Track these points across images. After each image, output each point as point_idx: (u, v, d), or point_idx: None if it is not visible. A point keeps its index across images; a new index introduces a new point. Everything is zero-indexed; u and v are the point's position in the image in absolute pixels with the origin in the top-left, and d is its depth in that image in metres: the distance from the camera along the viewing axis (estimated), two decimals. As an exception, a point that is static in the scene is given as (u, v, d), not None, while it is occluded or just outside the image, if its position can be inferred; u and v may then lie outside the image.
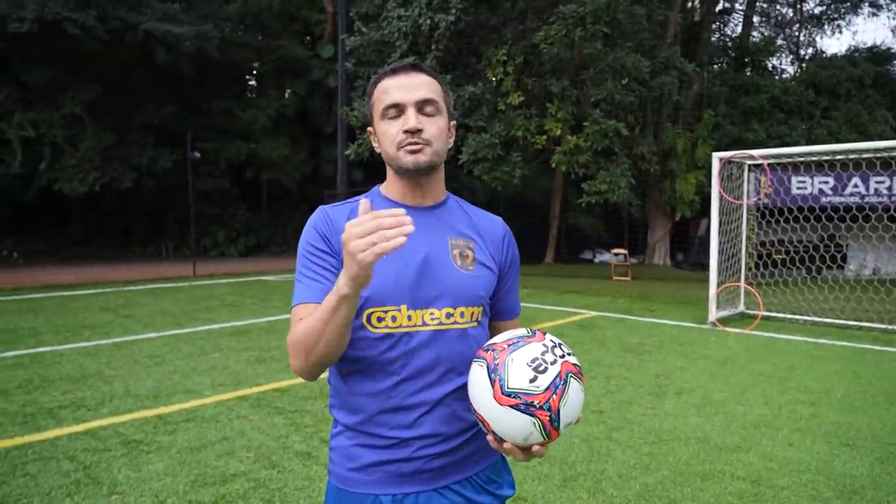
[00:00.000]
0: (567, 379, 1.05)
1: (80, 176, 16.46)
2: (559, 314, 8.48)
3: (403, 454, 1.19)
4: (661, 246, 15.03)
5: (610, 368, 5.52)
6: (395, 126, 1.21)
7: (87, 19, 15.10)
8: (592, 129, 11.88)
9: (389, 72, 1.24)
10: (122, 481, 3.11)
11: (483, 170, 12.89)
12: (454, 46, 13.33)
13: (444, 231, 1.27)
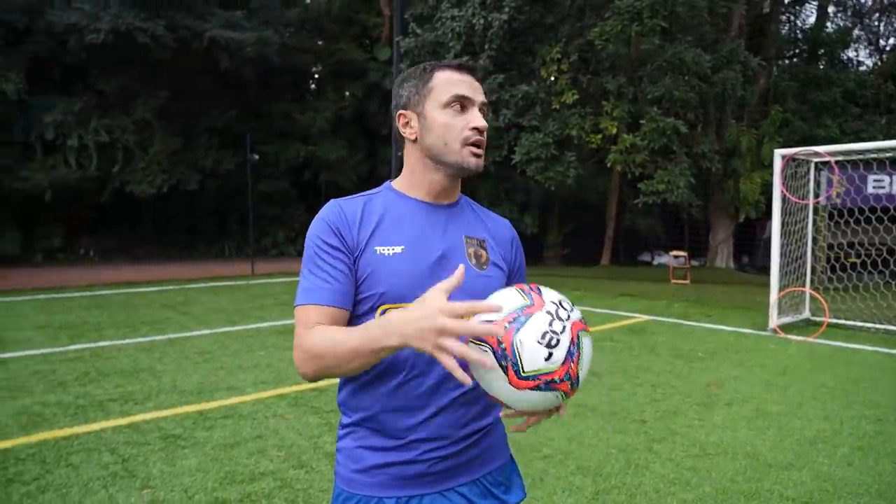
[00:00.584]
0: (580, 341, 1.01)
1: (150, 178, 17.28)
2: (610, 318, 8.23)
3: (408, 456, 1.17)
4: (723, 248, 14.40)
5: (658, 376, 5.30)
6: (461, 120, 1.20)
7: (156, 29, 15.82)
8: (650, 128, 11.51)
9: (454, 66, 1.23)
10: (156, 475, 3.19)
11: (536, 170, 12.70)
12: (507, 45, 13.20)
13: (460, 229, 1.26)
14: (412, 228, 1.22)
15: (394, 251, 1.19)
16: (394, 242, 1.19)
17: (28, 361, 5.71)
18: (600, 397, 4.66)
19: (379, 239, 1.19)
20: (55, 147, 16.39)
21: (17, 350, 6.19)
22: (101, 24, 15.16)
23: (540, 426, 4.01)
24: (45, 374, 5.24)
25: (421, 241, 1.21)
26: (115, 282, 12.39)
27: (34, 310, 8.94)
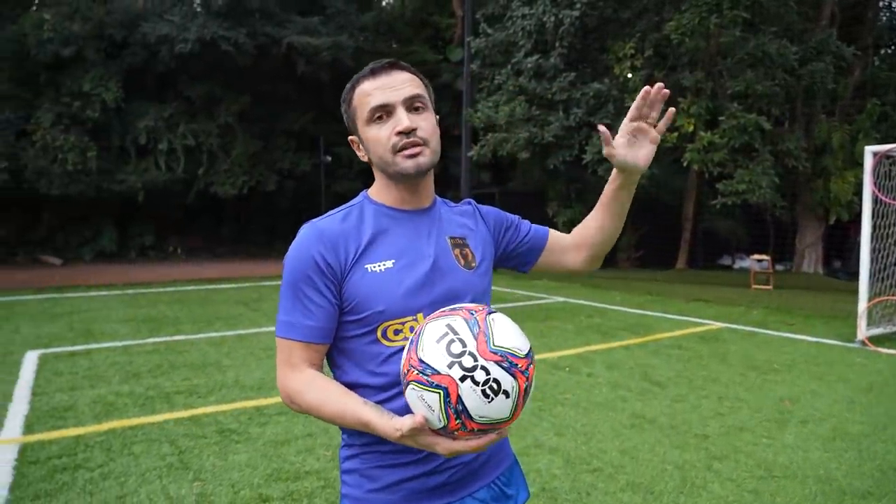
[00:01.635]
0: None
1: (232, 180, 18.13)
2: (680, 324, 7.87)
3: (429, 468, 1.16)
4: (811, 252, 13.47)
5: (726, 388, 5.00)
6: (386, 129, 1.15)
7: (238, 37, 16.58)
8: (729, 125, 10.92)
9: (368, 73, 1.18)
10: (208, 468, 3.30)
11: (608, 170, 12.33)
12: (579, 43, 12.92)
13: (442, 232, 1.24)
14: (398, 240, 1.19)
15: (385, 266, 1.15)
16: (383, 257, 1.16)
17: (109, 353, 6.09)
18: (660, 409, 4.45)
19: (367, 256, 1.15)
20: (147, 151, 17.48)
21: (102, 341, 6.63)
22: (189, 34, 16.04)
23: (593, 437, 3.87)
24: (122, 365, 5.57)
25: (410, 252, 1.18)
26: (197, 278, 13.05)
27: (123, 304, 9.56)
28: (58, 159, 15.91)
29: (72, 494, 2.99)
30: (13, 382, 4.99)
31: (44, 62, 15.78)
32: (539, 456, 3.58)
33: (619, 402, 4.61)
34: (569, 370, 5.51)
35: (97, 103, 16.11)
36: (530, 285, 12.10)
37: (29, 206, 16.97)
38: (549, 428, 4.04)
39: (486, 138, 14.07)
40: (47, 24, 15.60)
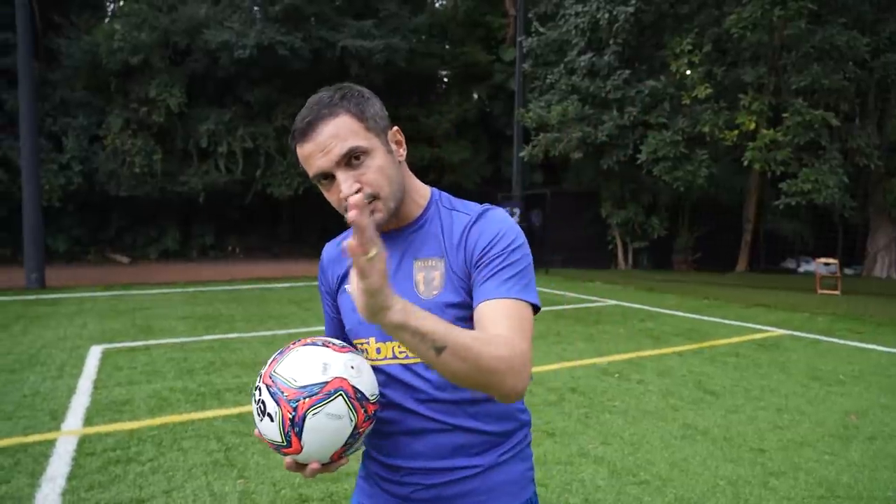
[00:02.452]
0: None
1: (287, 181, 18.57)
2: (738, 330, 7.55)
3: (395, 477, 1.17)
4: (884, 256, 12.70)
5: (786, 399, 4.75)
6: (333, 195, 1.08)
7: (294, 42, 16.97)
8: (794, 121, 10.43)
9: (296, 135, 1.08)
10: (252, 466, 3.36)
11: (664, 169, 12.01)
12: (634, 40, 12.61)
13: (411, 254, 1.15)
14: None
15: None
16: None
17: (167, 349, 6.32)
18: (714, 419, 4.26)
19: (347, 277, 1.20)
20: (208, 154, 18.10)
21: (161, 338, 6.88)
22: (248, 40, 16.52)
23: (641, 448, 3.74)
24: (178, 361, 5.77)
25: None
26: (253, 277, 13.42)
27: (182, 301, 9.91)
28: (126, 162, 16.68)
29: (122, 487, 3.10)
30: (78, 376, 5.23)
31: (114, 70, 16.57)
32: (583, 465, 3.49)
33: (670, 411, 4.44)
34: (618, 376, 5.36)
35: (162, 108, 16.79)
36: (582, 288, 11.88)
37: (100, 206, 17.85)
38: (594, 436, 3.93)
39: (537, 138, 13.92)
40: (118, 34, 16.37)
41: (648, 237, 14.84)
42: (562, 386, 5.04)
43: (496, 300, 1.04)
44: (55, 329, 7.35)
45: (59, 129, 16.74)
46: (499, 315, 1.02)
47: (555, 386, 5.04)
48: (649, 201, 14.66)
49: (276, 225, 21.91)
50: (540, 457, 3.60)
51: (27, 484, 3.13)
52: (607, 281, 12.66)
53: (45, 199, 14.99)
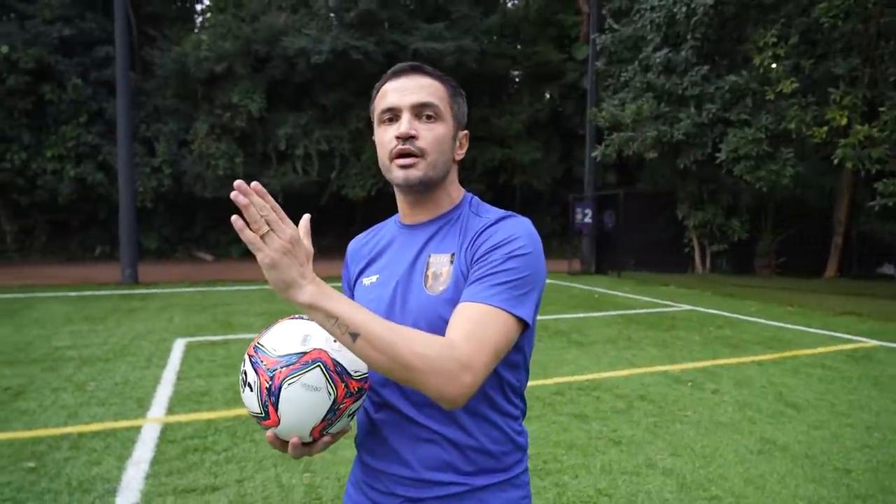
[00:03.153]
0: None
1: (361, 182, 19.03)
2: (825, 340, 7.10)
3: (380, 486, 1.13)
4: None
5: (877, 416, 4.43)
6: (390, 132, 1.11)
7: (367, 46, 17.36)
8: (891, 116, 9.69)
9: (391, 75, 1.15)
10: (318, 461, 3.47)
11: (745, 169, 11.45)
12: (713, 33, 12.09)
13: (429, 248, 1.15)
14: (389, 256, 1.21)
15: (370, 280, 1.20)
16: (374, 272, 1.21)
17: (244, 344, 6.60)
18: (795, 435, 4.03)
19: (366, 271, 1.23)
20: (286, 156, 18.81)
21: (239, 333, 7.21)
22: (324, 45, 17.05)
23: (713, 461, 3.59)
24: (254, 356, 6.01)
25: (389, 269, 1.18)
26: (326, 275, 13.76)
27: (261, 298, 10.34)
28: (210, 165, 17.58)
29: (199, 474, 3.27)
30: (163, 367, 5.57)
31: (200, 78, 17.51)
32: (650, 477, 3.38)
33: (747, 423, 4.24)
34: (691, 385, 5.16)
35: (244, 114, 17.60)
36: (655, 292, 11.52)
37: (187, 207, 18.90)
38: (664, 447, 3.81)
39: (610, 138, 13.60)
40: (204, 44, 17.30)
41: (728, 240, 14.19)
42: (631, 393, 4.91)
43: (472, 303, 0.99)
44: (145, 322, 7.85)
45: (151, 134, 17.86)
46: (463, 318, 0.98)
47: (623, 393, 4.91)
48: (729, 202, 14.01)
49: (350, 225, 22.44)
50: (605, 465, 3.52)
51: (115, 466, 3.36)
52: (683, 285, 12.20)
53: (139, 201, 16.04)
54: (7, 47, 15.85)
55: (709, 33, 11.97)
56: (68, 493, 3.04)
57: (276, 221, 0.88)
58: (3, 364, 5.55)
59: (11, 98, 16.20)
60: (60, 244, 18.31)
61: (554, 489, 3.23)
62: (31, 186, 16.78)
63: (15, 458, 3.45)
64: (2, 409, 4.30)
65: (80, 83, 16.77)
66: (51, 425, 4.00)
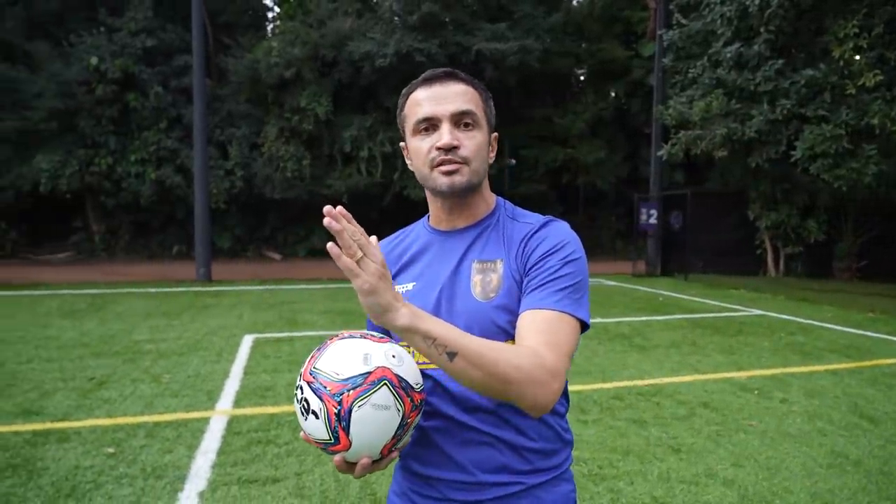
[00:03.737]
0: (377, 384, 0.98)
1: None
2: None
3: (432, 493, 1.13)
4: None
5: (964, 432, 4.13)
6: (428, 142, 1.11)
7: (430, 48, 17.53)
8: None
9: (422, 81, 1.15)
10: (374, 457, 3.56)
11: (823, 167, 10.86)
12: (789, 26, 11.53)
13: (472, 255, 1.15)
14: (425, 263, 1.20)
15: (406, 289, 1.18)
16: (408, 280, 1.20)
17: (308, 340, 6.83)
18: (870, 449, 3.82)
19: (400, 277, 1.21)
20: (351, 158, 19.25)
21: (303, 330, 7.46)
22: (388, 49, 17.35)
23: (778, 473, 3.46)
24: (316, 353, 6.21)
25: (428, 276, 1.17)
26: (389, 276, 14.05)
27: (324, 297, 10.65)
28: (279, 168, 18.22)
29: (261, 466, 3.43)
30: (232, 361, 5.84)
31: (271, 84, 18.16)
32: (710, 487, 3.29)
33: (817, 435, 4.05)
34: (758, 393, 4.97)
35: (311, 117, 18.13)
36: (724, 295, 11.11)
37: (257, 208, 19.65)
38: (725, 456, 3.69)
39: (677, 136, 13.20)
40: (274, 50, 17.94)
41: (804, 242, 13.49)
42: (693, 400, 4.78)
43: (539, 311, 1.03)
44: (217, 318, 8.23)
45: (225, 138, 18.68)
46: (536, 326, 1.01)
47: (685, 399, 4.79)
48: (805, 202, 13.31)
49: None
50: (663, 473, 3.45)
51: (185, 455, 3.56)
52: (753, 289, 11.71)
53: (213, 202, 16.81)
54: (97, 59, 16.97)
55: (783, 26, 11.42)
56: (143, 478, 3.25)
57: (367, 246, 0.88)
58: (90, 356, 5.96)
59: (100, 106, 17.32)
60: (142, 243, 19.42)
61: (608, 495, 3.20)
62: (117, 189, 17.89)
63: (97, 443, 3.72)
64: (87, 397, 4.64)
65: (161, 91, 17.74)
66: (129, 414, 4.28)
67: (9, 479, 3.21)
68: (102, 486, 3.14)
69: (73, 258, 18.38)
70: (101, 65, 16.99)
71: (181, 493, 3.10)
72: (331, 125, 18.72)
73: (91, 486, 3.14)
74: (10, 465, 3.37)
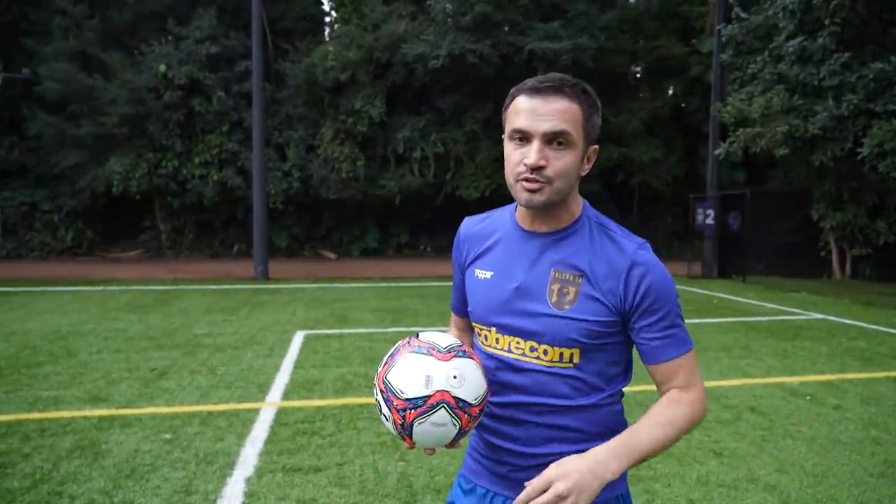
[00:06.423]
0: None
1: (475, 183, 19.32)
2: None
3: (494, 456, 1.28)
4: None
5: None
6: (519, 154, 1.15)
7: (483, 49, 17.59)
8: None
9: (528, 89, 1.15)
10: (413, 452, 3.66)
11: (893, 165, 10.32)
12: (856, 17, 11.01)
13: (551, 261, 1.21)
14: (504, 255, 1.27)
15: (485, 276, 1.27)
16: (488, 267, 1.28)
17: (357, 337, 7.03)
18: (926, 460, 3.66)
19: (480, 261, 1.31)
20: (404, 159, 19.52)
21: (353, 327, 7.67)
22: (441, 50, 17.51)
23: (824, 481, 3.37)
24: (364, 349, 6.40)
25: (506, 270, 1.25)
26: (440, 275, 14.20)
27: (375, 295, 10.87)
28: (335, 169, 18.66)
29: (305, 456, 3.59)
30: (283, 356, 6.08)
31: (327, 87, 18.63)
32: (750, 492, 3.24)
33: (870, 444, 3.91)
34: (809, 399, 4.81)
35: (365, 119, 18.50)
36: (783, 298, 10.71)
37: (313, 208, 20.17)
38: (769, 461, 3.62)
39: (736, 134, 12.80)
40: (330, 54, 18.40)
41: (872, 243, 12.83)
42: (740, 404, 4.68)
43: (674, 360, 1.21)
44: (271, 314, 8.55)
45: (283, 140, 19.28)
46: (676, 371, 1.21)
47: (732, 403, 4.69)
48: (874, 201, 12.66)
49: (464, 225, 22.85)
50: (702, 476, 3.42)
51: (235, 443, 3.76)
52: (816, 292, 11.24)
53: (271, 203, 17.38)
54: (165, 66, 17.83)
55: (851, 17, 10.91)
56: (195, 463, 3.46)
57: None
58: (153, 348, 6.33)
59: (167, 111, 18.19)
60: (205, 242, 20.28)
61: (644, 496, 3.20)
62: (182, 190, 18.74)
63: (156, 429, 3.97)
64: (149, 386, 4.94)
65: (224, 96, 18.48)
66: (186, 403, 4.54)
67: (77, 459, 3.48)
68: (159, 469, 3.36)
69: (142, 256, 19.39)
70: (169, 72, 17.85)
71: (230, 478, 3.29)
72: (384, 127, 19.03)
73: (149, 468, 3.37)
74: (79, 447, 3.65)
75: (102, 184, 17.95)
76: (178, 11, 19.21)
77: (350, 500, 3.08)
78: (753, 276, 13.76)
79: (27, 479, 3.21)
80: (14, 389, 4.80)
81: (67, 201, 18.55)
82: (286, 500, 3.06)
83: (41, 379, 5.11)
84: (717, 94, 14.48)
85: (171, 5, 19.25)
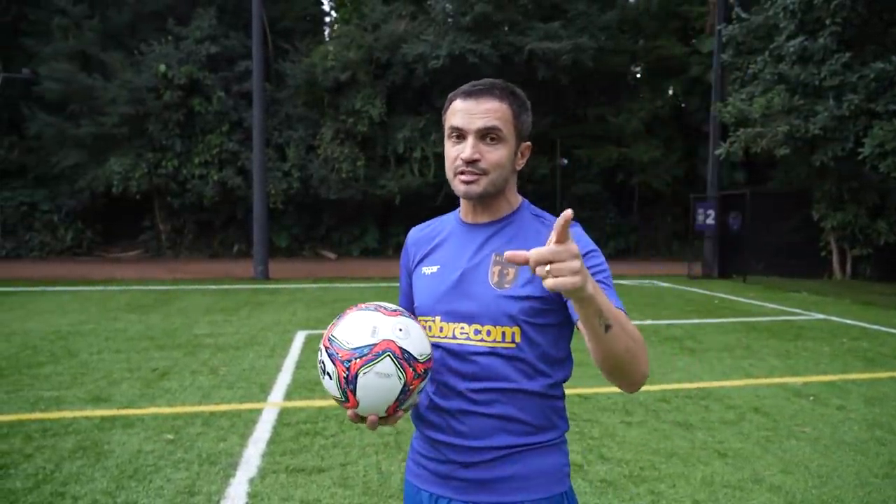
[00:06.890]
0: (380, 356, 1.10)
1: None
2: None
3: (436, 455, 1.26)
4: None
5: None
6: (455, 150, 1.25)
7: (483, 49, 17.59)
8: None
9: (463, 93, 1.25)
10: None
11: (893, 165, 10.33)
12: (857, 17, 11.01)
13: (492, 247, 1.27)
14: (449, 249, 1.33)
15: (431, 270, 1.33)
16: (434, 263, 1.34)
17: (358, 338, 7.00)
18: (931, 460, 3.65)
19: (427, 260, 1.36)
20: (404, 159, 19.52)
21: (354, 328, 7.63)
22: (441, 50, 17.52)
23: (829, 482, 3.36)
24: (365, 350, 6.37)
25: (451, 261, 1.30)
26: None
27: (376, 295, 10.86)
28: (335, 169, 18.66)
29: (308, 456, 3.57)
30: (285, 356, 6.06)
31: (326, 87, 18.62)
32: (755, 493, 3.23)
33: (875, 444, 3.89)
34: (813, 399, 4.80)
35: (365, 119, 18.50)
36: (784, 298, 10.71)
37: (313, 208, 20.17)
38: (773, 462, 3.61)
39: (736, 134, 12.80)
40: (330, 54, 18.40)
41: (873, 243, 12.84)
42: (743, 404, 4.66)
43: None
44: (272, 315, 8.54)
45: (283, 140, 19.27)
46: None
47: (735, 404, 4.68)
48: (875, 202, 12.66)
49: (464, 225, 22.85)
50: (707, 477, 3.41)
51: (238, 444, 3.75)
52: (816, 292, 11.24)
53: (271, 202, 17.37)
54: (165, 66, 17.82)
55: (852, 17, 10.92)
56: (198, 463, 3.45)
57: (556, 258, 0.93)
58: (154, 348, 6.31)
59: (167, 111, 18.18)
60: (205, 242, 20.26)
61: (648, 496, 3.18)
62: (182, 190, 18.73)
63: (158, 430, 3.95)
64: (150, 387, 4.92)
65: (224, 95, 18.47)
66: (188, 403, 4.52)
67: (79, 459, 3.47)
68: (161, 470, 3.34)
69: (142, 256, 19.37)
70: (169, 72, 17.83)
71: (233, 478, 3.27)
72: (384, 127, 19.03)
73: (151, 469, 3.36)
74: (81, 447, 3.63)
75: (102, 184, 17.93)
76: (177, 11, 19.20)
77: (354, 500, 3.07)
78: (754, 276, 13.76)
79: (30, 480, 3.20)
80: (15, 389, 4.79)
81: (67, 201, 18.54)
82: (290, 500, 3.04)
83: (42, 379, 5.10)
84: (718, 94, 14.48)
85: (170, 5, 19.25)
